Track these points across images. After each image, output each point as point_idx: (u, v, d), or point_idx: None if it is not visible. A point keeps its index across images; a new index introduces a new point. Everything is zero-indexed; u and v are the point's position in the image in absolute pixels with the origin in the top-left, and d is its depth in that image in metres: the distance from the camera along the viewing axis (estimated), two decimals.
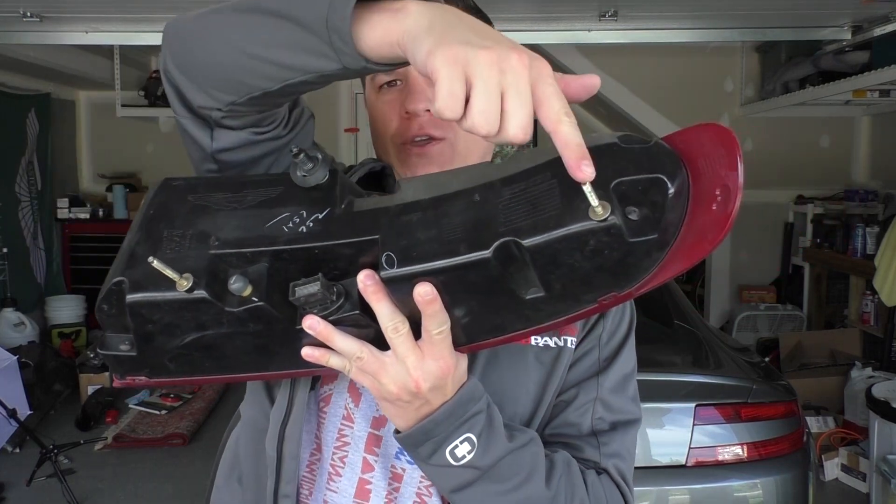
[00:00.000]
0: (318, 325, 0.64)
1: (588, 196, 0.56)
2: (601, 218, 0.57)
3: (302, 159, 0.67)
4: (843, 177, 5.69)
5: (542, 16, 3.83)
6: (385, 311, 0.64)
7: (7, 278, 5.23)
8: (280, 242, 0.64)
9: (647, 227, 0.59)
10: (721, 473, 2.41)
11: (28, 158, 5.57)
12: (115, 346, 0.66)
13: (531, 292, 0.62)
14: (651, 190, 0.60)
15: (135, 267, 0.63)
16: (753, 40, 5.13)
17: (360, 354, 0.66)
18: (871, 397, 3.35)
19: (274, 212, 0.66)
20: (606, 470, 0.85)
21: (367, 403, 0.85)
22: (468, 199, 0.63)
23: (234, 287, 0.61)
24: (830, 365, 4.48)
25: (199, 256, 0.63)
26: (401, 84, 0.87)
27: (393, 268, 0.61)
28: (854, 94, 4.50)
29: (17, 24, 3.77)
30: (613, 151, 0.61)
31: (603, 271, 0.60)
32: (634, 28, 4.00)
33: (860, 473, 3.57)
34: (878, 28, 3.85)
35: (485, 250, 0.59)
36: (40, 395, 4.41)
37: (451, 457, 0.71)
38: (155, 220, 0.68)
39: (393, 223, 0.63)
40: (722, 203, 0.59)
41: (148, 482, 3.74)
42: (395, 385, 0.67)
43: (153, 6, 3.52)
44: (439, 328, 0.64)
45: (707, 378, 2.53)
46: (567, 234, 0.58)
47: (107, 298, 0.64)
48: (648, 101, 5.39)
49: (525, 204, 0.61)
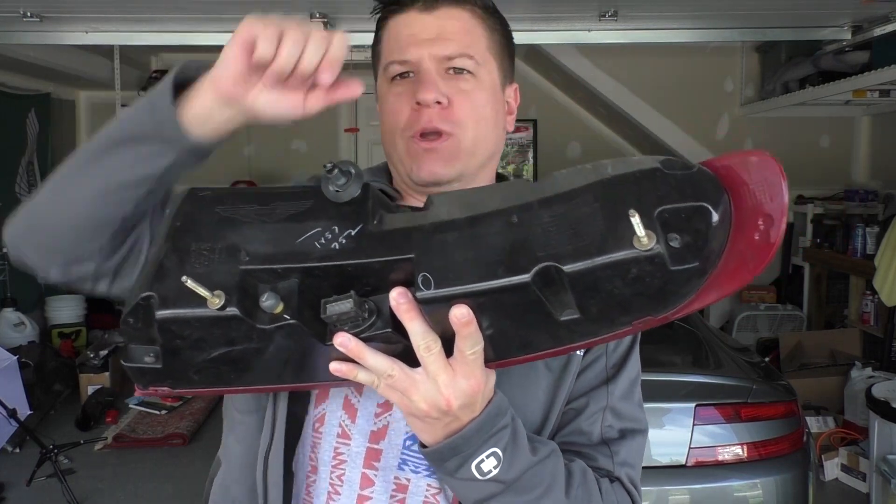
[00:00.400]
0: (349, 342, 0.63)
1: (635, 226, 0.56)
2: (646, 248, 0.57)
3: (336, 174, 0.66)
4: (843, 177, 5.69)
5: (542, 16, 3.83)
6: (418, 329, 0.63)
7: (7, 278, 5.23)
8: (312, 259, 0.63)
9: (688, 255, 0.59)
10: (721, 473, 2.41)
11: (28, 158, 5.57)
12: (140, 358, 0.65)
13: (566, 314, 0.61)
14: (694, 217, 0.59)
15: (163, 281, 0.62)
16: (753, 40, 5.13)
17: (391, 372, 0.65)
18: (871, 397, 3.35)
19: (305, 226, 0.65)
20: (619, 479, 0.85)
21: (363, 419, 0.85)
22: (506, 220, 0.62)
23: (265, 304, 0.61)
24: (830, 365, 4.48)
25: (230, 272, 0.62)
26: (413, 76, 0.87)
27: (430, 289, 0.60)
28: (854, 94, 4.50)
29: (17, 24, 3.77)
30: (656, 177, 0.61)
31: (641, 297, 0.60)
32: (634, 28, 4.00)
33: (860, 473, 3.57)
34: (878, 28, 3.85)
35: (524, 274, 0.59)
36: (40, 395, 4.40)
37: (476, 471, 0.71)
38: (182, 232, 0.67)
39: (428, 242, 0.63)
40: (765, 232, 0.59)
41: (148, 482, 3.74)
42: (426, 402, 0.67)
43: (153, 6, 3.52)
44: (473, 348, 0.64)
45: (707, 378, 2.53)
46: (610, 262, 0.57)
47: (133, 312, 0.63)
48: (648, 101, 5.39)
49: (565, 228, 0.60)
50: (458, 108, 0.85)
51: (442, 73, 0.85)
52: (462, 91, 0.85)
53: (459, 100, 0.85)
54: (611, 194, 0.61)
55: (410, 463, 0.84)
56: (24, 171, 5.52)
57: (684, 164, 0.63)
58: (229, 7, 3.56)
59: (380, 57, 0.90)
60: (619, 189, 0.61)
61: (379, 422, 0.85)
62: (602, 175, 0.63)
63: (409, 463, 0.84)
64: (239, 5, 3.53)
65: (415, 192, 0.91)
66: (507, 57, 0.92)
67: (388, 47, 0.88)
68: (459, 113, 0.85)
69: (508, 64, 0.93)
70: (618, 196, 0.60)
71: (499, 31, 0.91)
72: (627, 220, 0.56)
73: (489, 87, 0.88)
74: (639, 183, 0.58)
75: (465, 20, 0.86)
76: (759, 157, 0.62)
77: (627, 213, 0.56)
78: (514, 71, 0.95)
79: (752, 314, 5.27)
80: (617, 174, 0.62)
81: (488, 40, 0.88)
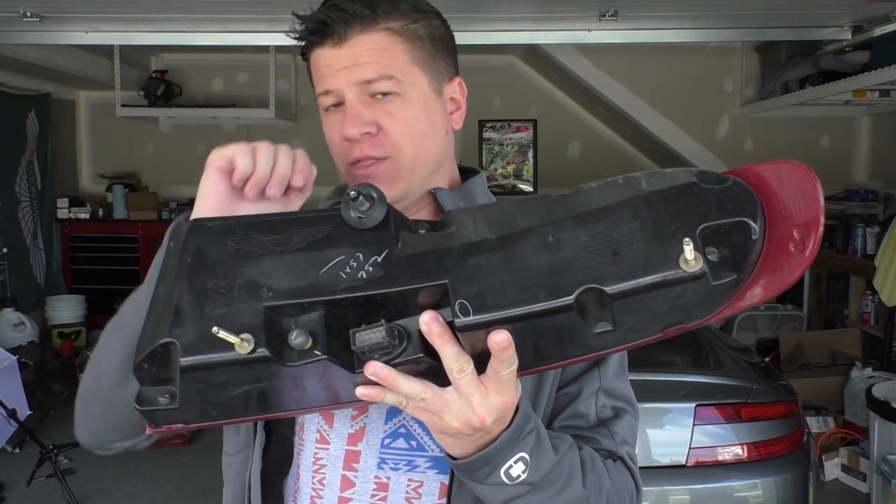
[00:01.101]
0: (381, 371, 0.61)
1: (686, 251, 0.56)
2: (694, 270, 0.57)
3: (360, 201, 0.64)
4: (843, 177, 5.69)
5: (542, 16, 3.83)
6: (450, 353, 0.62)
7: (7, 278, 5.23)
8: (340, 291, 0.61)
9: (727, 269, 0.59)
10: (721, 473, 2.41)
11: (28, 158, 5.57)
12: (154, 400, 0.62)
13: (600, 327, 0.60)
14: (734, 232, 0.60)
15: (183, 326, 0.60)
16: (753, 40, 5.12)
17: (423, 396, 0.64)
18: (871, 397, 3.35)
19: (326, 255, 0.63)
20: (621, 457, 0.87)
21: (340, 422, 0.86)
22: (541, 240, 0.61)
23: (295, 343, 0.59)
24: (830, 365, 4.48)
25: (253, 310, 0.60)
26: (341, 107, 0.86)
27: (468, 316, 0.59)
28: (854, 94, 4.50)
29: (17, 24, 3.77)
30: (694, 193, 0.61)
31: (678, 310, 0.60)
32: (634, 28, 4.00)
33: (860, 473, 3.57)
34: (878, 28, 3.85)
35: (566, 297, 0.58)
36: (40, 395, 4.40)
37: (505, 476, 0.71)
38: (196, 270, 0.64)
39: (460, 266, 0.61)
40: (800, 242, 0.59)
41: (148, 482, 3.74)
42: (458, 421, 0.66)
43: (153, 6, 3.52)
44: (509, 369, 0.63)
45: (707, 378, 2.53)
46: (655, 283, 0.57)
47: (150, 358, 0.61)
48: (648, 101, 5.38)
49: (605, 247, 0.59)
50: (389, 133, 0.85)
51: (366, 100, 0.84)
52: (389, 114, 0.84)
53: (388, 122, 0.84)
54: (651, 212, 0.60)
55: (390, 461, 0.85)
56: (23, 171, 5.52)
57: (718, 176, 0.63)
58: (229, 7, 3.57)
59: (313, 83, 0.90)
60: (659, 207, 0.61)
61: (356, 424, 0.86)
62: (638, 191, 0.62)
63: (388, 462, 0.85)
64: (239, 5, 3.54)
65: None
66: (440, 58, 0.89)
67: (315, 79, 0.88)
68: (391, 137, 0.85)
69: (445, 63, 0.90)
70: (658, 214, 0.60)
71: (423, 36, 0.88)
72: (671, 239, 0.56)
73: (418, 101, 0.86)
74: (678, 200, 0.58)
75: (379, 41, 0.84)
76: (793, 167, 0.61)
77: (670, 233, 0.57)
78: (455, 64, 0.93)
79: (753, 314, 5.27)
80: (653, 190, 0.62)
81: (409, 53, 0.86)
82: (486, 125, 6.11)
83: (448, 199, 0.89)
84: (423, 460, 0.85)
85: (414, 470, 0.85)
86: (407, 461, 0.85)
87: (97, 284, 5.98)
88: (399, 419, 0.86)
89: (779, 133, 5.64)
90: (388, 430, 0.86)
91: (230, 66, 6.09)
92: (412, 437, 0.86)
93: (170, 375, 0.61)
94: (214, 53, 5.85)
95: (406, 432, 0.86)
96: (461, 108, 0.93)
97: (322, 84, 0.86)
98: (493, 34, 3.95)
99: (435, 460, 0.85)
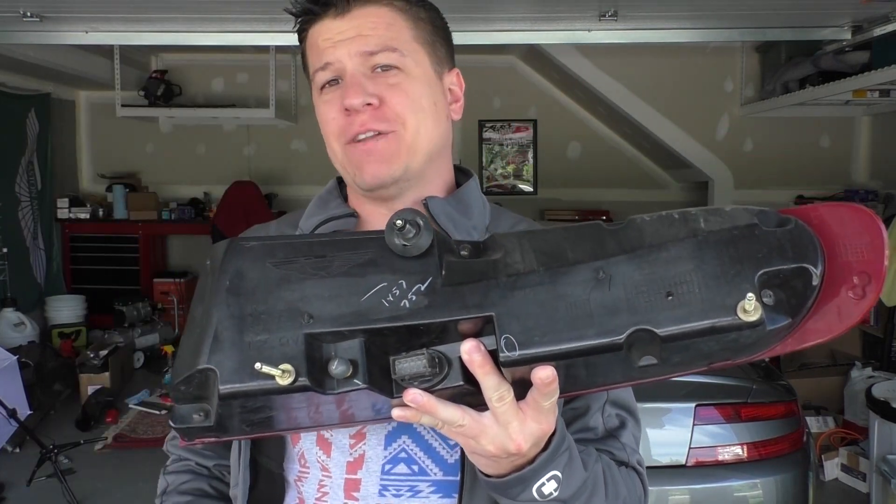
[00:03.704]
0: (421, 398, 0.60)
1: (747, 303, 0.55)
2: (752, 319, 0.55)
3: (407, 229, 0.62)
4: (843, 177, 5.69)
5: (542, 16, 3.83)
6: (491, 383, 0.61)
7: (7, 278, 5.23)
8: (382, 320, 0.60)
9: (783, 313, 0.58)
10: (721, 473, 2.41)
11: (28, 158, 5.57)
12: (189, 418, 0.62)
13: (645, 360, 0.59)
14: (794, 278, 0.58)
15: (223, 352, 0.59)
16: (753, 40, 5.13)
17: (461, 422, 0.63)
18: (871, 397, 3.34)
19: (368, 281, 0.62)
20: (633, 466, 0.87)
21: (338, 451, 0.84)
22: (592, 276, 0.60)
23: (336, 372, 0.58)
24: (830, 365, 4.48)
25: (293, 339, 0.59)
26: (340, 82, 0.83)
27: (513, 351, 0.58)
28: (854, 94, 4.50)
29: (17, 24, 3.77)
30: (756, 236, 0.59)
31: (728, 350, 0.59)
32: (634, 28, 4.00)
33: (860, 473, 3.57)
34: (878, 28, 3.84)
35: (616, 337, 0.57)
36: (40, 395, 4.40)
37: (537, 494, 0.70)
38: (235, 294, 0.62)
39: (507, 298, 0.60)
40: (860, 289, 0.58)
41: (148, 482, 3.73)
42: (494, 446, 0.65)
43: (153, 6, 3.52)
44: (550, 400, 0.62)
45: (707, 378, 2.53)
46: (710, 328, 0.56)
47: (187, 381, 0.60)
48: (648, 101, 5.38)
49: (660, 288, 0.58)
50: (392, 104, 0.81)
51: (368, 73, 0.81)
52: (392, 86, 0.81)
53: (391, 95, 0.81)
54: (709, 254, 0.59)
55: (391, 488, 0.83)
56: (23, 171, 5.52)
57: (780, 218, 0.61)
58: (229, 7, 3.57)
59: (308, 70, 0.87)
60: (718, 249, 0.59)
61: (354, 452, 0.84)
62: (696, 230, 0.60)
63: (389, 489, 0.83)
64: (239, 5, 3.54)
65: (366, 199, 0.88)
66: (439, 44, 0.88)
67: (311, 57, 0.85)
68: (394, 109, 0.81)
69: (444, 51, 0.89)
70: (717, 257, 0.58)
71: (425, 19, 0.86)
72: (729, 285, 0.55)
73: (421, 77, 0.84)
74: (737, 242, 0.56)
75: (383, 15, 0.82)
76: (855, 211, 0.60)
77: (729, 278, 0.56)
78: (452, 57, 0.91)
79: None
80: (712, 230, 0.60)
81: (412, 30, 0.84)
82: (486, 125, 6.11)
83: (440, 209, 0.86)
84: (425, 485, 0.83)
85: (417, 496, 0.83)
86: (409, 487, 0.83)
87: (97, 284, 5.99)
88: (399, 444, 0.83)
89: (779, 133, 5.65)
90: (388, 456, 0.83)
91: (230, 66, 6.09)
92: (413, 461, 0.83)
93: (206, 395, 0.61)
94: (214, 53, 5.85)
95: (407, 457, 0.83)
96: (460, 101, 0.91)
97: (320, 58, 0.83)
98: (493, 34, 3.95)
99: (438, 484, 0.83)
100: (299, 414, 0.63)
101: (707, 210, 0.62)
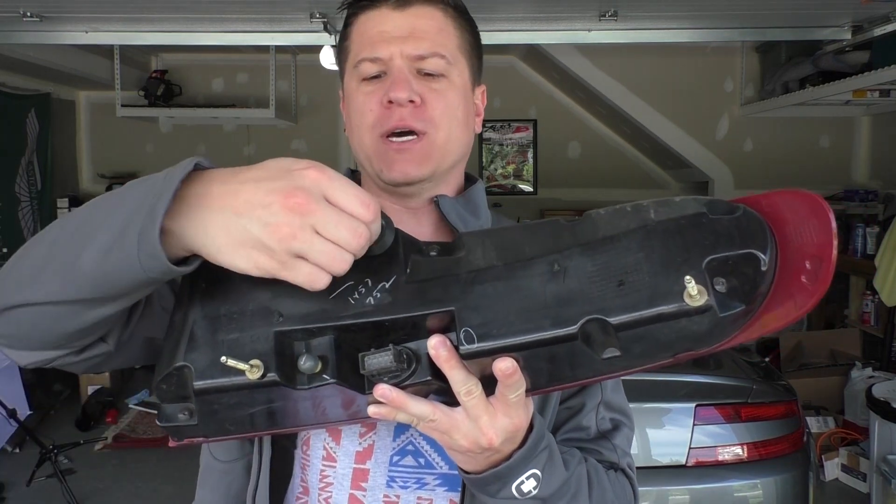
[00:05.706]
0: (390, 393, 0.62)
1: (688, 287, 0.56)
2: (698, 304, 0.56)
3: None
4: (843, 177, 5.69)
5: (542, 16, 3.83)
6: (458, 378, 0.62)
7: None
8: (348, 316, 0.62)
9: (736, 299, 0.59)
10: (721, 473, 2.41)
11: (28, 158, 5.57)
12: (174, 416, 0.66)
13: (608, 353, 0.60)
14: (743, 264, 0.59)
15: (197, 351, 0.62)
16: (753, 40, 5.13)
17: (432, 417, 0.65)
18: (871, 397, 3.35)
19: (335, 280, 0.63)
20: (623, 469, 0.87)
21: (348, 440, 0.85)
22: (547, 268, 0.61)
23: (304, 367, 0.60)
24: (830, 365, 4.48)
25: (264, 336, 0.62)
26: (384, 77, 0.84)
27: (472, 343, 0.60)
28: (854, 94, 4.50)
29: (17, 24, 3.77)
30: (703, 224, 0.60)
31: (686, 339, 0.60)
32: (634, 28, 3.99)
33: (860, 473, 3.57)
34: (878, 28, 3.84)
35: (570, 327, 0.58)
36: (40, 395, 4.41)
37: (517, 492, 0.71)
38: (209, 296, 0.65)
39: (467, 293, 0.62)
40: (812, 273, 0.58)
41: (148, 482, 3.74)
42: (467, 441, 0.67)
43: (153, 6, 3.51)
44: (516, 393, 0.64)
45: (707, 378, 2.53)
46: (658, 315, 0.57)
47: (167, 379, 0.63)
48: (648, 101, 5.38)
49: (611, 278, 0.60)
50: (432, 107, 0.84)
51: (414, 74, 0.84)
52: (434, 91, 0.84)
53: (432, 98, 0.84)
54: (656, 244, 0.60)
55: (399, 479, 0.84)
56: (23, 171, 5.52)
57: (728, 206, 0.62)
58: (229, 7, 3.56)
59: (348, 53, 0.88)
60: (665, 238, 0.60)
61: (364, 441, 0.85)
62: (645, 220, 0.62)
63: (397, 480, 0.84)
64: (239, 5, 3.54)
65: (384, 192, 0.90)
66: (475, 58, 0.91)
67: (359, 44, 0.86)
68: (433, 112, 0.84)
69: (477, 65, 0.92)
70: (665, 245, 0.60)
71: (468, 31, 0.90)
72: (676, 272, 0.56)
73: (460, 87, 0.87)
74: (685, 231, 0.57)
75: (438, 19, 0.85)
76: (805, 197, 0.61)
77: (676, 265, 0.56)
78: (481, 72, 0.94)
79: None
80: (661, 220, 0.62)
81: (459, 39, 0.87)
82: (486, 125, 6.11)
83: (450, 207, 0.88)
84: (431, 478, 0.84)
85: (423, 488, 0.84)
86: (416, 479, 0.84)
87: None
88: (407, 436, 0.85)
89: (779, 133, 5.65)
90: (396, 448, 0.85)
91: (230, 66, 6.09)
92: (420, 454, 0.85)
93: (188, 394, 0.63)
94: (214, 53, 5.85)
95: (414, 449, 0.85)
96: (481, 115, 0.95)
97: (370, 50, 0.84)
98: (493, 34, 3.95)
99: (444, 477, 0.84)
100: (280, 414, 0.65)
101: (658, 201, 0.64)
